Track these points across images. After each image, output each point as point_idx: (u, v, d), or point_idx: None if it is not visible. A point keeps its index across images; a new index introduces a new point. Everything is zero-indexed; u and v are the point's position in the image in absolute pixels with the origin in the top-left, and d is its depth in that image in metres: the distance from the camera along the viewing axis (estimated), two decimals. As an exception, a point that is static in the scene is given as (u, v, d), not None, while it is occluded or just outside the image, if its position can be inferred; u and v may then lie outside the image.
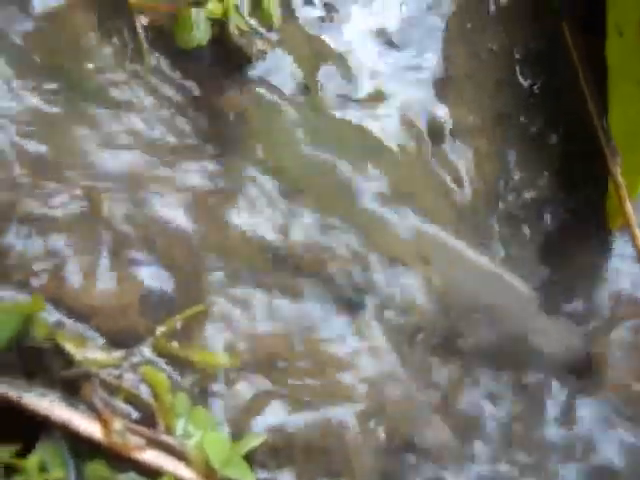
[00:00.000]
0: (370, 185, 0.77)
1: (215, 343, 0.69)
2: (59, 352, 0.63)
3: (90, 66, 0.77)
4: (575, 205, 0.91)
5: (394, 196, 0.77)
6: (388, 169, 0.78)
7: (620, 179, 0.82)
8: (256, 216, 0.74)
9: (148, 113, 0.77)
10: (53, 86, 0.76)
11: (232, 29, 0.74)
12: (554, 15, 0.87)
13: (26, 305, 0.60)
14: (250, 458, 0.67)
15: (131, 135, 0.76)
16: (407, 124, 0.80)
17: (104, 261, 0.70)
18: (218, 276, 0.71)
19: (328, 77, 0.79)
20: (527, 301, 0.82)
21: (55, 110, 0.75)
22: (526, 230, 0.88)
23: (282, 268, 0.73)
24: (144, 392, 0.64)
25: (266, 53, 0.76)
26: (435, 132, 0.81)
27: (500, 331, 0.80)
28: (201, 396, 0.68)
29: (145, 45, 0.78)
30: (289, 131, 0.77)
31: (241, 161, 0.76)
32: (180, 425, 0.64)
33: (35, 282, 0.67)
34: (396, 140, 0.79)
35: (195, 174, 0.75)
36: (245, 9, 0.76)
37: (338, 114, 0.79)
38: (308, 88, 0.78)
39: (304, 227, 0.74)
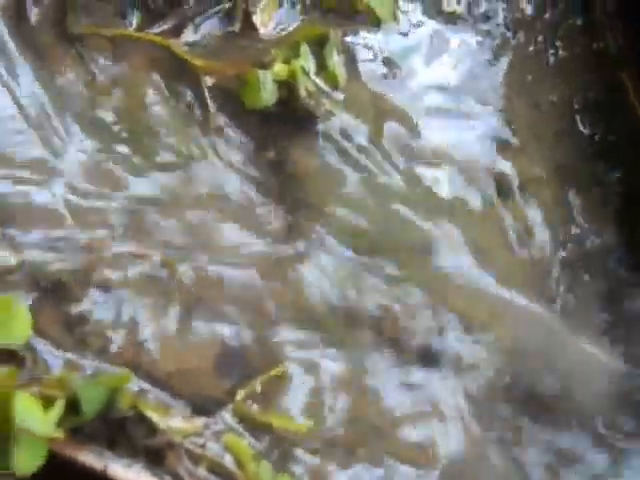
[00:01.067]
0: (443, 243, 0.77)
1: (293, 406, 0.69)
2: (142, 420, 0.63)
3: (156, 128, 0.78)
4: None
5: (468, 253, 0.77)
6: (459, 226, 0.78)
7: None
8: (328, 276, 0.74)
9: (215, 174, 0.77)
10: (122, 149, 0.77)
11: (301, 92, 0.74)
12: (613, 65, 0.88)
13: (115, 378, 0.60)
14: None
15: (199, 197, 0.76)
16: (473, 179, 0.80)
17: (179, 325, 0.70)
18: (293, 337, 0.71)
19: (393, 135, 0.80)
20: (591, 356, 0.81)
21: (124, 173, 0.76)
22: (589, 280, 0.88)
23: (357, 328, 0.73)
24: (227, 460, 0.64)
25: (334, 114, 0.76)
26: (502, 186, 0.81)
27: (569, 387, 0.80)
28: (281, 462, 0.67)
29: (211, 106, 0.78)
30: (356, 190, 0.77)
31: (309, 221, 0.76)
32: (264, 494, 0.64)
33: (113, 349, 0.68)
34: (463, 195, 0.80)
35: (264, 235, 0.76)
36: (311, 69, 0.77)
37: (404, 172, 0.79)
38: (374, 146, 0.79)
39: (377, 286, 0.74)
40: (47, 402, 0.58)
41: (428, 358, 0.74)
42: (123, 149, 0.77)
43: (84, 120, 0.78)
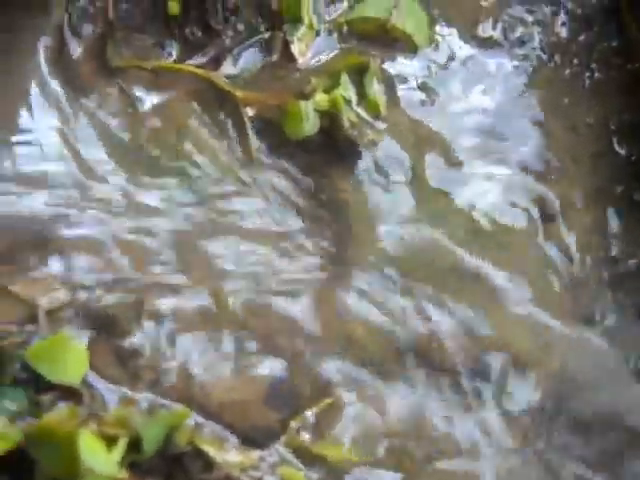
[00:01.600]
0: (486, 269, 0.77)
1: (344, 437, 0.69)
2: (198, 454, 0.64)
3: (199, 159, 0.79)
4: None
5: (510, 278, 0.78)
6: (501, 251, 0.78)
7: None
8: (374, 303, 0.74)
9: (258, 204, 0.78)
10: (165, 180, 0.78)
11: (344, 122, 0.75)
12: (648, 86, 0.88)
13: (175, 415, 0.61)
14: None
15: (244, 228, 0.77)
16: (514, 204, 0.81)
17: (230, 356, 0.71)
18: (341, 366, 0.72)
19: (433, 162, 0.80)
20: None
21: (169, 205, 0.77)
22: (630, 301, 0.88)
23: (402, 357, 0.73)
24: (285, 492, 0.64)
25: (377, 144, 0.77)
26: (544, 210, 0.81)
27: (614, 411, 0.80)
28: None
29: (252, 136, 0.79)
30: (398, 216, 0.78)
31: (353, 249, 0.77)
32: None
33: (166, 382, 0.69)
34: (505, 220, 0.80)
35: (309, 264, 0.76)
36: (352, 98, 0.78)
37: (445, 197, 0.80)
38: (414, 174, 0.79)
39: (421, 313, 0.74)
40: (108, 440, 0.58)
41: (473, 385, 0.74)
42: (166, 181, 0.78)
43: (127, 152, 0.78)
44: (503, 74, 0.86)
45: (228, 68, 0.82)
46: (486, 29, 0.86)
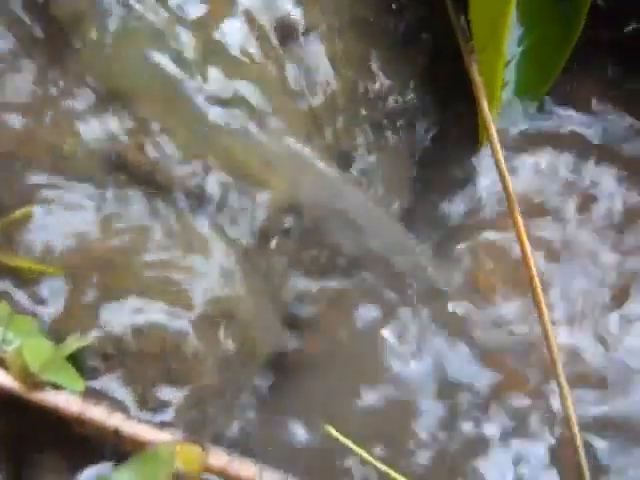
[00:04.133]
0: (212, 90, 0.74)
1: (38, 248, 0.66)
2: None
3: None
4: (444, 115, 0.89)
5: (237, 100, 0.74)
6: (231, 72, 0.75)
7: (477, 78, 0.80)
8: (83, 121, 0.70)
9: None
10: None
11: None
12: None
13: None
14: (80, 365, 0.66)
15: None
16: (253, 25, 0.77)
17: None
18: (45, 179, 0.69)
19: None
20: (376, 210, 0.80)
21: None
22: (390, 139, 0.86)
23: (115, 172, 0.70)
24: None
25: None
26: (285, 34, 0.78)
27: (352, 241, 0.78)
28: (23, 303, 0.65)
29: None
30: (125, 36, 0.74)
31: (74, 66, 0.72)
32: (-1, 333, 0.62)
33: None
34: (242, 43, 0.76)
35: (30, 79, 0.72)
36: None
37: (178, 16, 0.76)
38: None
39: (136, 133, 0.71)
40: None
41: (195, 205, 0.72)
42: None
43: None
44: None
45: None
46: None
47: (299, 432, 0.74)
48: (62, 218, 0.68)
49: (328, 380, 0.77)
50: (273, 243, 0.75)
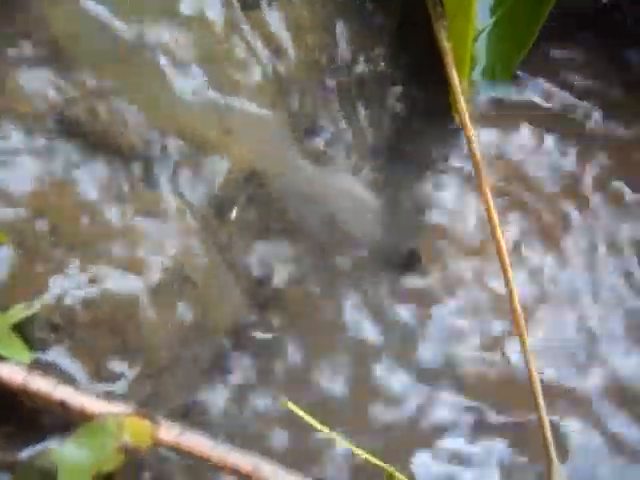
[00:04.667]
0: (171, 54, 0.71)
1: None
2: None
3: None
4: (416, 84, 0.87)
5: (197, 66, 0.72)
6: (191, 37, 0.72)
7: (445, 44, 0.78)
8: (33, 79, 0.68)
9: None
10: None
11: None
12: None
13: None
14: (29, 337, 0.63)
15: None
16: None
17: None
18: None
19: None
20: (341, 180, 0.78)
21: None
22: (359, 108, 0.84)
23: (70, 137, 0.68)
24: None
25: None
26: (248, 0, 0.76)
27: (314, 211, 0.76)
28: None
29: None
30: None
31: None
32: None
33: None
34: (204, 8, 0.74)
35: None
36: None
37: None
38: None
39: (96, 97, 0.68)
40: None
41: (151, 172, 0.69)
42: None
43: None
44: None
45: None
46: None
47: (259, 406, 0.72)
48: (10, 181, 0.65)
49: (289, 353, 0.75)
50: (234, 212, 0.73)
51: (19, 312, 0.61)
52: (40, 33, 0.68)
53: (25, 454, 0.62)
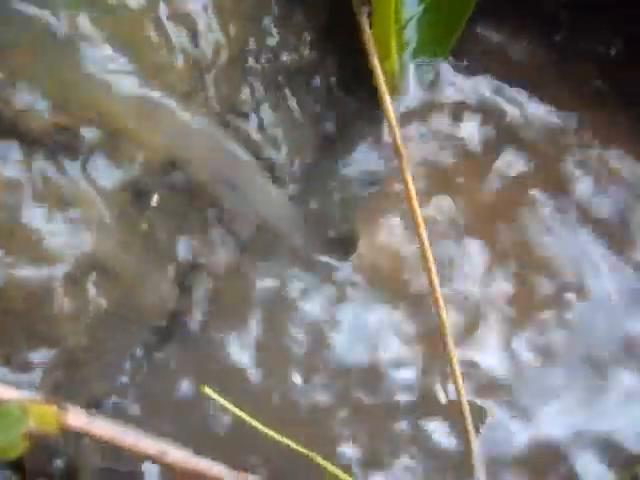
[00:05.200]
0: (88, 39, 0.70)
1: None
2: None
3: None
4: (345, 72, 0.87)
5: (114, 51, 0.71)
6: (110, 23, 0.72)
7: (367, 30, 0.78)
8: None
9: None
10: None
11: None
12: None
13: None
14: None
15: None
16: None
17: None
18: None
19: None
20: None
21: None
22: (288, 96, 0.84)
23: None
24: None
25: None
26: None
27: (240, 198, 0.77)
28: None
29: None
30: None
31: None
32: None
33: None
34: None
35: None
36: None
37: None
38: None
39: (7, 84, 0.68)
40: None
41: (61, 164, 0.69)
42: None
43: None
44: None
45: None
46: None
47: (181, 392, 0.72)
48: None
49: (217, 340, 0.75)
50: (154, 200, 0.73)
51: None
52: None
53: None
